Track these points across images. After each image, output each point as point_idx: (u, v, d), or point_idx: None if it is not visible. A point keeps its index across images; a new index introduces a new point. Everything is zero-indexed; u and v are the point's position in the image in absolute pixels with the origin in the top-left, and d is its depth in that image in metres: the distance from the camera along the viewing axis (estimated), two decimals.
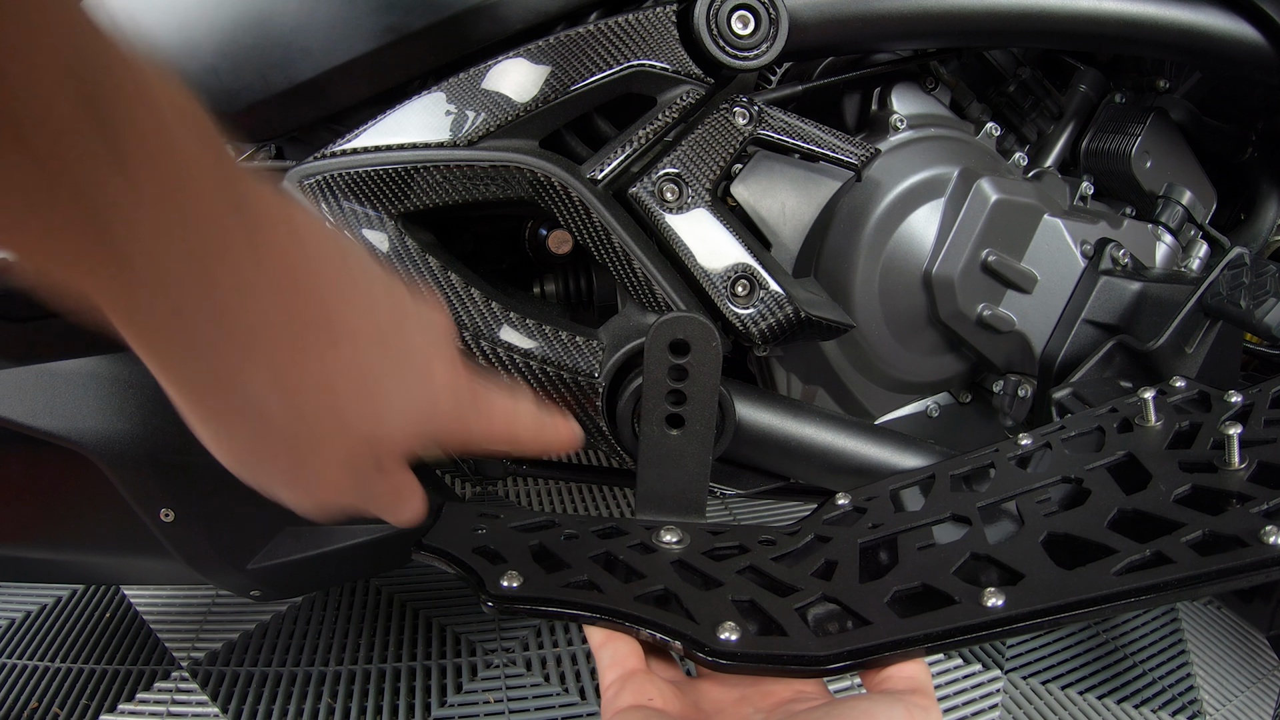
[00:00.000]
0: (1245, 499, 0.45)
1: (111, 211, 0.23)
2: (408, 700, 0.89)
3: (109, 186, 0.22)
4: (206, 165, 0.26)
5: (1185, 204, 0.86)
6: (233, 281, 0.26)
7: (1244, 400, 0.57)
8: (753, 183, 0.70)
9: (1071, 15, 0.71)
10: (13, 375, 0.57)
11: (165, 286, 0.25)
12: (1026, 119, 0.89)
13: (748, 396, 0.68)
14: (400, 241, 0.61)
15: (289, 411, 0.30)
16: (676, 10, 0.63)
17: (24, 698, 0.89)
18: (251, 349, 0.28)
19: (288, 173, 0.62)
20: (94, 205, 0.22)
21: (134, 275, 0.24)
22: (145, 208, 0.23)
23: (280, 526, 0.66)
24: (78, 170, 0.22)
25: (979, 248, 0.75)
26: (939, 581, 0.44)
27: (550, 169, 0.60)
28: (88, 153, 0.22)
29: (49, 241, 0.23)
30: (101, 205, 0.23)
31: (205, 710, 0.87)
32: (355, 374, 0.31)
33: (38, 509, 0.66)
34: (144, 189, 0.23)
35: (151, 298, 0.25)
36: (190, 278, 0.25)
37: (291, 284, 0.28)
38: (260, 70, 0.60)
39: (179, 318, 0.26)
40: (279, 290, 0.28)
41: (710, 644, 0.41)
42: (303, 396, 0.30)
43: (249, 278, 0.27)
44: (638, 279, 0.61)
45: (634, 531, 0.54)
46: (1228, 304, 0.68)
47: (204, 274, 0.25)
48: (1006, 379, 0.81)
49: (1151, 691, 0.98)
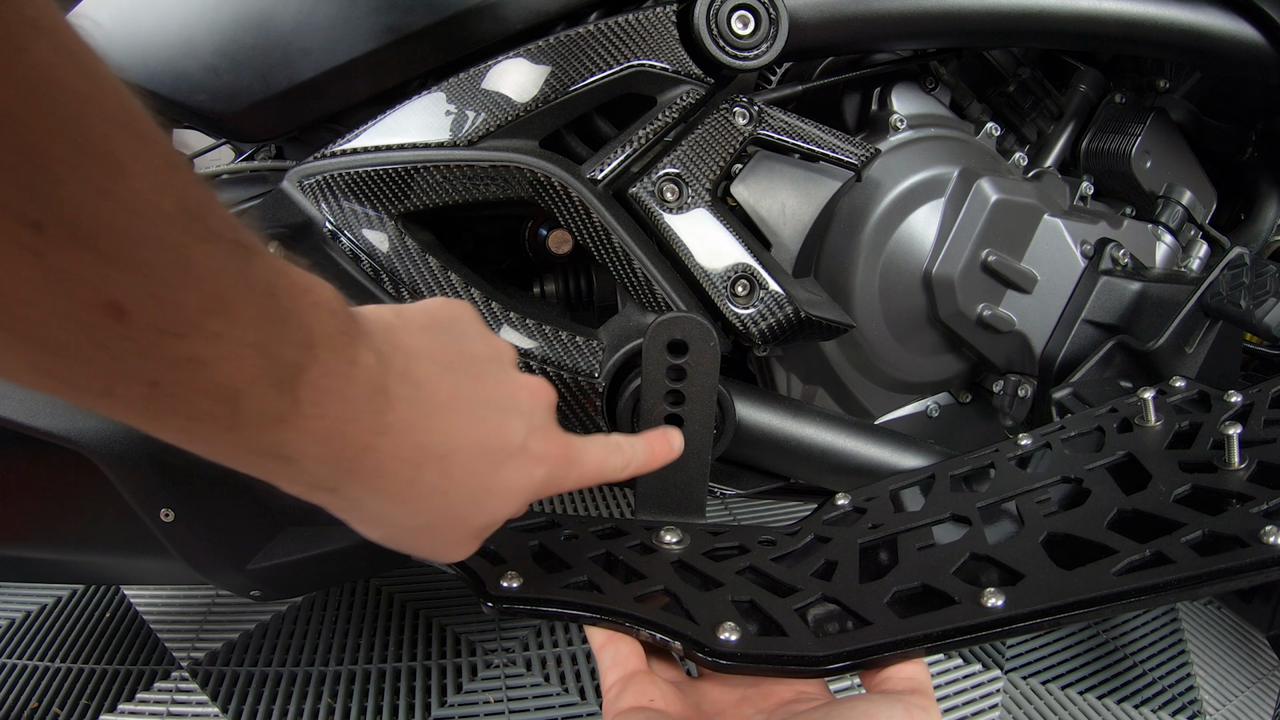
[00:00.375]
0: (1245, 499, 0.45)
1: (290, 451, 0.29)
2: (408, 700, 0.89)
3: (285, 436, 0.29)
4: (361, 383, 0.31)
5: (1185, 204, 0.86)
6: (361, 445, 0.31)
7: (1244, 400, 0.57)
8: (753, 183, 0.70)
9: (1071, 15, 0.71)
10: None
11: (310, 475, 0.31)
12: (1026, 119, 0.89)
13: (748, 396, 0.68)
14: (400, 241, 0.61)
15: (413, 520, 0.36)
16: (676, 10, 0.63)
17: (24, 698, 0.89)
18: (376, 487, 0.33)
19: (288, 173, 0.62)
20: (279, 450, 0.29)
21: (296, 470, 0.30)
22: (313, 446, 0.29)
23: (280, 526, 0.66)
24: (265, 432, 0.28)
25: (979, 248, 0.75)
26: (939, 582, 0.44)
27: (550, 169, 0.60)
28: (272, 411, 0.27)
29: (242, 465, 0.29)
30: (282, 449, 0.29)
31: (205, 710, 0.87)
32: (465, 483, 0.36)
33: (38, 509, 0.66)
34: (310, 425, 0.29)
35: (298, 479, 0.31)
36: (333, 460, 0.30)
37: (410, 433, 0.33)
38: (260, 70, 0.60)
39: (321, 479, 0.31)
40: (402, 442, 0.32)
41: (710, 644, 0.41)
42: (423, 511, 0.35)
43: (375, 442, 0.31)
44: (638, 279, 0.61)
45: (634, 532, 0.54)
46: (1228, 304, 0.68)
47: (343, 454, 0.30)
48: (1006, 379, 0.81)
49: (1151, 691, 0.98)
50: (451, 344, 0.38)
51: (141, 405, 0.25)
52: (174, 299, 0.23)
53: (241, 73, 0.61)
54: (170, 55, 0.61)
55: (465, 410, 0.35)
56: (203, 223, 0.24)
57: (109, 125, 0.21)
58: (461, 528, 0.38)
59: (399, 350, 0.33)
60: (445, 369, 0.35)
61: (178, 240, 0.23)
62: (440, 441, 0.34)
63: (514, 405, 0.39)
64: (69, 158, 0.20)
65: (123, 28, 0.61)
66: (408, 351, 0.34)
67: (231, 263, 0.25)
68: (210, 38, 0.60)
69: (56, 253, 0.21)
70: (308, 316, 0.28)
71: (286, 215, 0.61)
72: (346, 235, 0.61)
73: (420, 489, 0.34)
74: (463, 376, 0.36)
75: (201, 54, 0.60)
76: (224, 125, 0.63)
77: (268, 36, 0.60)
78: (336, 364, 0.29)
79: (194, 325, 0.24)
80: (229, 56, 0.60)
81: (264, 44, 0.60)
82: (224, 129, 0.65)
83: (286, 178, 0.62)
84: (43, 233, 0.20)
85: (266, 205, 0.62)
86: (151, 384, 0.24)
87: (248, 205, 0.68)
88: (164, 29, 0.61)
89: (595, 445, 0.45)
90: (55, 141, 0.20)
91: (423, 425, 0.33)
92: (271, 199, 0.62)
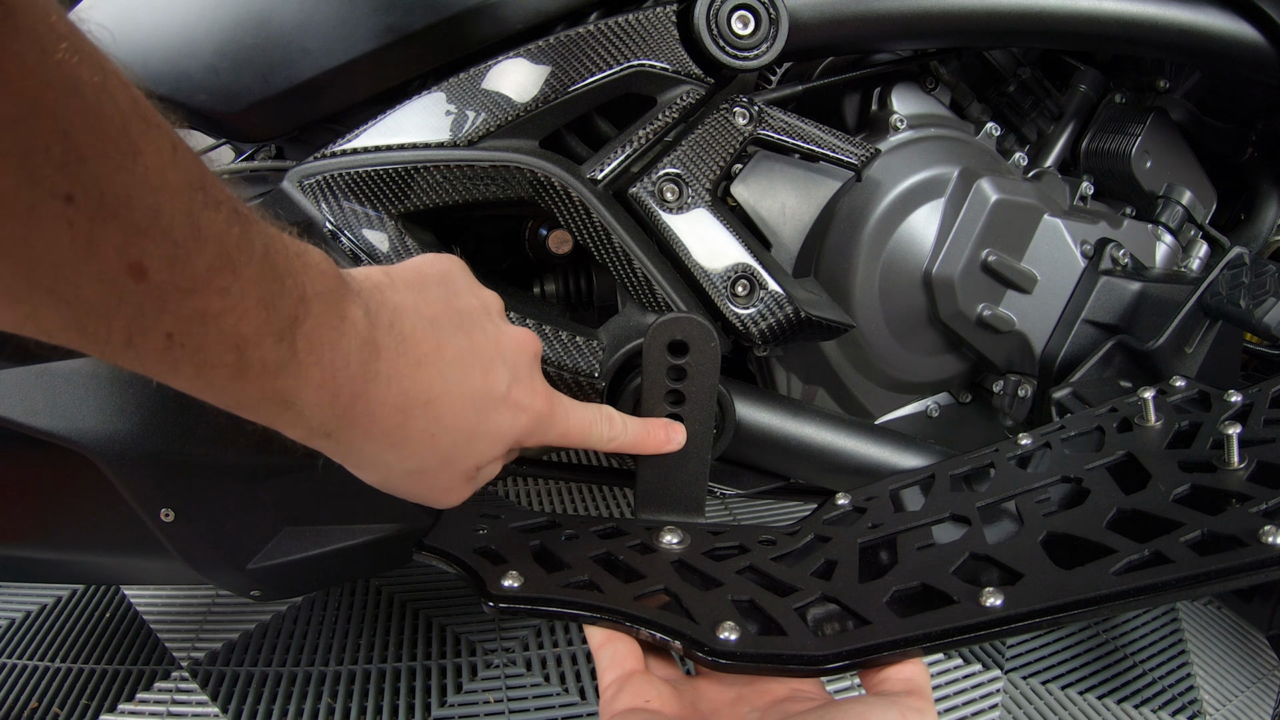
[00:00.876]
0: (1244, 499, 0.45)
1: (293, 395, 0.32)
2: (408, 700, 0.89)
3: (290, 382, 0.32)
4: (357, 322, 0.34)
5: (1185, 204, 0.86)
6: (353, 392, 0.34)
7: (1244, 400, 0.57)
8: (753, 183, 0.70)
9: (1071, 15, 0.71)
10: (13, 375, 0.57)
11: (309, 421, 0.34)
12: (1026, 119, 0.89)
13: (748, 396, 0.68)
14: (400, 241, 0.61)
15: (405, 463, 0.39)
16: (676, 10, 0.63)
17: (24, 698, 0.89)
18: (369, 431, 0.36)
19: (288, 173, 0.62)
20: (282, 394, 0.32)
21: (297, 415, 0.33)
22: (311, 392, 0.32)
23: (280, 526, 0.66)
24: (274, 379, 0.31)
25: (979, 248, 0.75)
26: (938, 581, 0.44)
27: (550, 169, 0.60)
28: (276, 359, 0.30)
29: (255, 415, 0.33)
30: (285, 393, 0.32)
31: (205, 710, 0.87)
32: (451, 427, 0.39)
33: (38, 509, 0.66)
34: (307, 373, 0.32)
35: (298, 423, 0.34)
36: (328, 406, 0.33)
37: (396, 380, 0.36)
38: (260, 70, 0.60)
39: (319, 424, 0.34)
40: (390, 389, 0.35)
41: (710, 643, 0.41)
42: (413, 454, 0.38)
43: (366, 389, 0.34)
44: (638, 279, 0.61)
45: (634, 532, 0.54)
46: (1228, 304, 0.68)
47: (336, 399, 0.33)
48: (1006, 379, 0.81)
49: (1151, 691, 0.98)
50: (438, 299, 0.40)
51: (160, 355, 0.28)
52: (186, 259, 0.26)
53: (242, 73, 0.61)
54: (170, 55, 0.61)
55: (450, 360, 0.38)
56: (206, 193, 0.27)
57: (122, 112, 0.24)
58: (451, 470, 0.41)
59: (386, 306, 0.36)
60: (430, 323, 0.38)
61: (186, 209, 0.26)
62: (425, 389, 0.37)
63: (498, 355, 0.42)
64: (92, 140, 0.23)
65: (123, 28, 0.61)
66: (394, 307, 0.37)
67: (233, 227, 0.28)
68: (210, 38, 0.60)
69: (86, 222, 0.24)
70: (301, 276, 0.31)
71: (286, 215, 0.61)
72: (347, 235, 0.61)
73: (409, 432, 0.37)
74: (448, 329, 0.39)
75: (201, 54, 0.60)
76: (224, 125, 0.64)
77: (268, 36, 0.60)
78: (328, 317, 0.32)
79: (204, 282, 0.27)
80: (229, 56, 0.60)
81: (264, 44, 0.60)
82: (224, 129, 0.65)
83: (286, 178, 0.62)
84: (74, 204, 0.23)
85: (266, 205, 0.62)
86: (168, 335, 0.27)
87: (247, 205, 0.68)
88: (164, 29, 0.61)
89: (584, 409, 0.48)
90: (79, 128, 0.23)
91: (409, 374, 0.36)
92: (271, 199, 0.62)
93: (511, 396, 0.42)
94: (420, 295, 0.39)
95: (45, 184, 0.23)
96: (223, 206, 0.28)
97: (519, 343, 0.44)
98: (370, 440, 0.36)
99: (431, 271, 0.42)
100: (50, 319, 0.25)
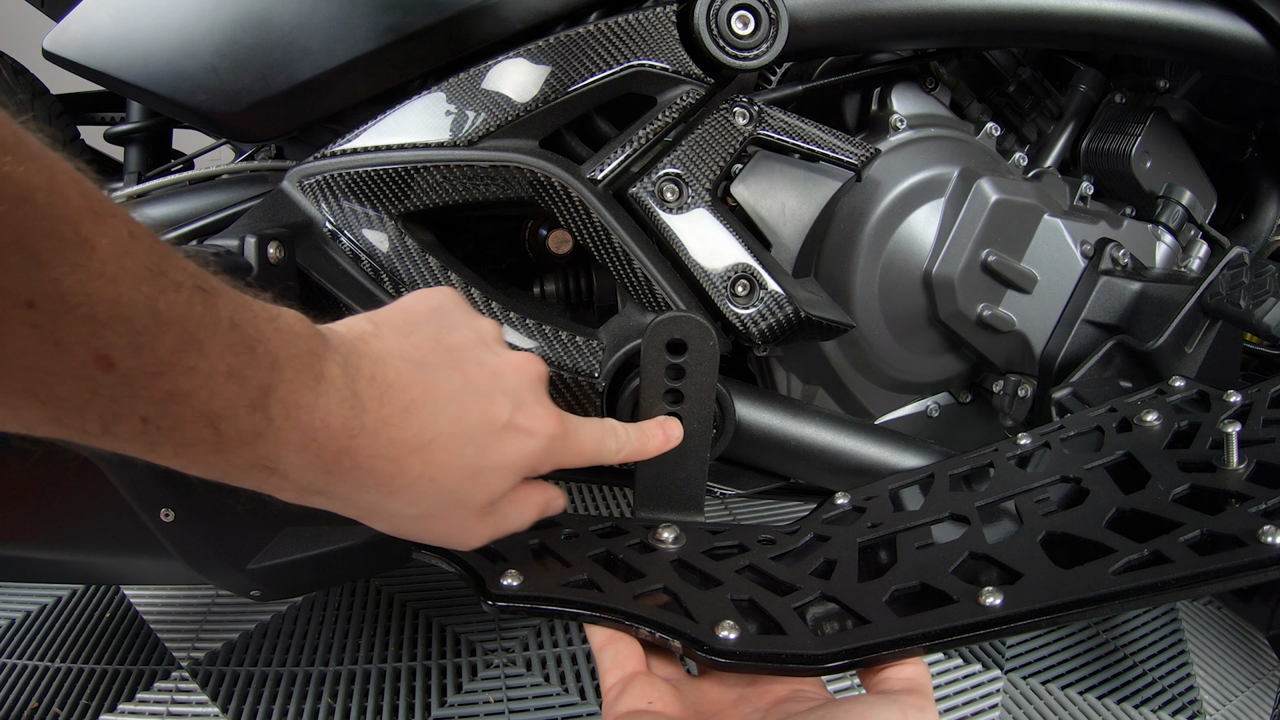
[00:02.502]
0: (1244, 498, 0.45)
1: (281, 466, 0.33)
2: (408, 700, 0.89)
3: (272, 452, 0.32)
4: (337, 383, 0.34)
5: (1185, 204, 0.86)
6: (337, 449, 0.34)
7: (1243, 400, 0.57)
8: (753, 183, 0.70)
9: (1071, 15, 0.71)
10: None
11: (296, 482, 0.34)
12: (1026, 119, 0.89)
13: (748, 396, 0.68)
14: (400, 241, 0.61)
15: (410, 509, 0.38)
16: (676, 10, 0.63)
17: (24, 698, 0.89)
18: (362, 484, 0.35)
19: (288, 173, 0.62)
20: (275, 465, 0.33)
21: (283, 480, 0.34)
22: (293, 455, 0.33)
23: (280, 526, 0.66)
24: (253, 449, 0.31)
25: (979, 248, 0.75)
26: (937, 581, 0.44)
27: (550, 169, 0.60)
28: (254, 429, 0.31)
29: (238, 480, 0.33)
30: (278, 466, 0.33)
31: (205, 710, 0.87)
32: (451, 467, 0.38)
33: (38, 509, 0.66)
34: (286, 437, 0.32)
35: (285, 486, 0.34)
36: (313, 465, 0.34)
37: (384, 431, 0.35)
38: (260, 70, 0.60)
39: (307, 483, 0.34)
40: (378, 440, 0.35)
41: (709, 643, 0.41)
42: (415, 500, 0.38)
43: (351, 444, 0.34)
44: (637, 279, 0.61)
45: (633, 531, 0.54)
46: (1227, 304, 0.68)
47: (320, 458, 0.33)
48: (1006, 379, 0.81)
49: (1151, 691, 0.98)
50: (427, 339, 0.40)
51: (138, 438, 0.29)
52: (150, 345, 0.27)
53: (241, 73, 0.61)
54: (170, 55, 0.61)
55: (443, 400, 0.38)
56: (165, 276, 0.27)
57: (75, 210, 0.25)
58: (461, 510, 0.40)
59: (367, 357, 0.36)
60: (418, 366, 0.38)
61: (146, 295, 0.27)
62: (415, 434, 0.36)
63: (498, 384, 0.41)
64: (48, 244, 0.24)
65: (123, 28, 0.61)
66: (376, 356, 0.36)
67: (194, 306, 0.28)
68: (210, 38, 0.60)
69: (50, 323, 0.24)
70: (273, 341, 0.31)
71: (286, 215, 0.61)
72: (346, 235, 0.61)
73: (406, 479, 0.37)
74: (439, 368, 0.39)
75: (201, 54, 0.60)
76: (224, 125, 0.64)
77: (268, 36, 0.60)
78: (304, 380, 0.32)
79: (170, 364, 0.28)
80: (229, 56, 0.60)
81: (264, 44, 0.60)
82: (224, 129, 0.65)
83: (286, 178, 0.62)
84: (36, 308, 0.24)
85: (266, 205, 0.62)
86: (143, 419, 0.28)
87: (248, 205, 0.68)
88: (164, 29, 0.61)
89: (591, 425, 0.47)
90: (33, 233, 0.23)
91: (397, 422, 0.36)
92: (271, 199, 0.62)
93: (516, 423, 0.41)
94: (408, 338, 0.39)
95: (7, 293, 0.23)
96: (183, 286, 0.28)
97: (519, 368, 0.43)
98: (366, 492, 0.36)
99: (421, 310, 0.42)
100: (29, 417, 0.26)
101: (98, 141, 0.99)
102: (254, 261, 0.55)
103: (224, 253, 0.54)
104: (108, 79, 0.63)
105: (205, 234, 0.67)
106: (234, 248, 0.55)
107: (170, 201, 0.70)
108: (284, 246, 0.57)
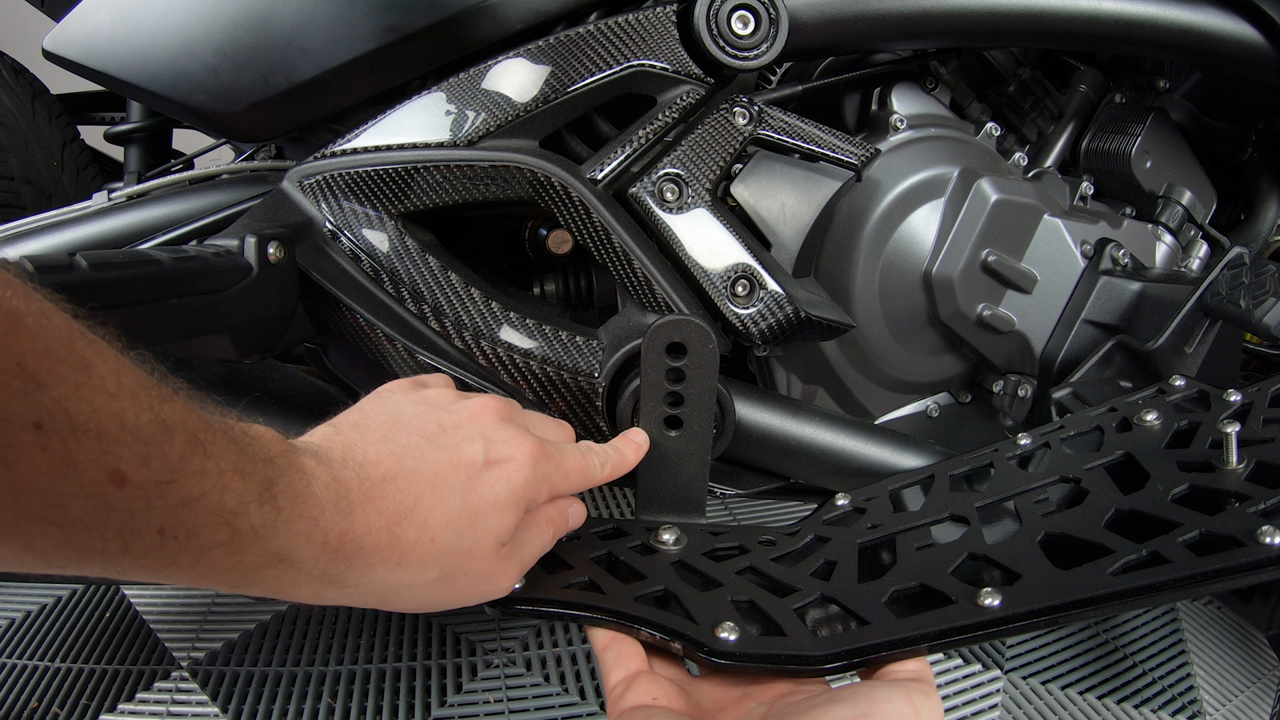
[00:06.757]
0: (1243, 498, 0.45)
1: None
2: (408, 700, 0.89)
3: None
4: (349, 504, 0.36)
5: (1185, 204, 0.86)
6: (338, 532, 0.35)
7: (1243, 399, 0.57)
8: (753, 183, 0.70)
9: (1071, 15, 0.71)
10: None
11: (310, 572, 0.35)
12: (1026, 119, 0.89)
13: (748, 396, 0.68)
14: (400, 241, 0.61)
15: (423, 575, 0.39)
16: (676, 10, 0.63)
17: (24, 698, 0.89)
18: (368, 562, 0.36)
19: (288, 173, 0.62)
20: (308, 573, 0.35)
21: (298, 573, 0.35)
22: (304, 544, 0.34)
23: None
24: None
25: (979, 248, 0.75)
26: (937, 581, 0.44)
27: (550, 169, 0.60)
28: None
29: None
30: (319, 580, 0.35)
31: (205, 710, 0.87)
32: (445, 522, 0.39)
33: None
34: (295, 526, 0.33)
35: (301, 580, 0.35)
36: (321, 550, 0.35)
37: (370, 504, 0.37)
38: (260, 70, 0.61)
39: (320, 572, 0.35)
40: (369, 514, 0.36)
41: (710, 644, 0.41)
42: (425, 564, 0.39)
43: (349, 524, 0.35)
44: (638, 279, 0.61)
45: (634, 532, 0.54)
46: (1227, 304, 0.68)
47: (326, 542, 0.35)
48: (1006, 379, 0.81)
49: (1151, 691, 0.98)
50: (383, 423, 0.42)
51: (157, 553, 0.29)
52: (160, 453, 0.28)
53: (241, 73, 0.61)
54: (170, 55, 0.61)
55: (413, 466, 0.39)
56: (160, 387, 0.29)
57: (64, 332, 0.26)
58: (475, 561, 0.41)
59: (335, 447, 0.38)
60: (382, 441, 0.40)
61: (149, 405, 0.28)
62: (399, 502, 0.38)
63: (462, 434, 0.42)
64: (46, 365, 0.25)
65: (123, 28, 0.61)
66: (344, 444, 0.38)
67: (193, 411, 0.30)
68: (210, 38, 0.60)
69: (59, 443, 0.25)
70: (258, 442, 0.33)
71: (286, 215, 0.61)
72: (346, 235, 0.61)
73: (406, 546, 0.38)
74: (401, 438, 0.40)
75: (201, 54, 0.61)
76: (224, 125, 0.64)
77: (268, 36, 0.60)
78: (294, 473, 0.34)
79: (180, 470, 0.28)
80: (229, 56, 0.60)
81: (264, 44, 0.60)
82: (224, 129, 0.65)
83: (286, 178, 0.62)
84: (44, 430, 0.24)
85: (266, 205, 0.62)
86: (160, 531, 0.28)
87: (248, 205, 0.68)
88: (164, 29, 0.61)
89: (571, 450, 0.48)
90: (31, 355, 0.24)
91: (380, 494, 0.37)
92: (271, 199, 0.62)
93: (491, 458, 0.42)
94: (364, 431, 0.41)
95: (14, 418, 0.24)
96: (178, 395, 0.29)
97: (478, 414, 0.44)
98: (374, 570, 0.37)
99: (370, 405, 0.44)
100: (43, 544, 0.26)
101: (98, 141, 0.99)
102: (254, 261, 0.55)
103: (224, 252, 0.55)
104: (108, 79, 0.63)
105: (205, 234, 0.67)
106: (234, 248, 0.55)
107: (170, 201, 0.70)
108: (284, 246, 0.57)
